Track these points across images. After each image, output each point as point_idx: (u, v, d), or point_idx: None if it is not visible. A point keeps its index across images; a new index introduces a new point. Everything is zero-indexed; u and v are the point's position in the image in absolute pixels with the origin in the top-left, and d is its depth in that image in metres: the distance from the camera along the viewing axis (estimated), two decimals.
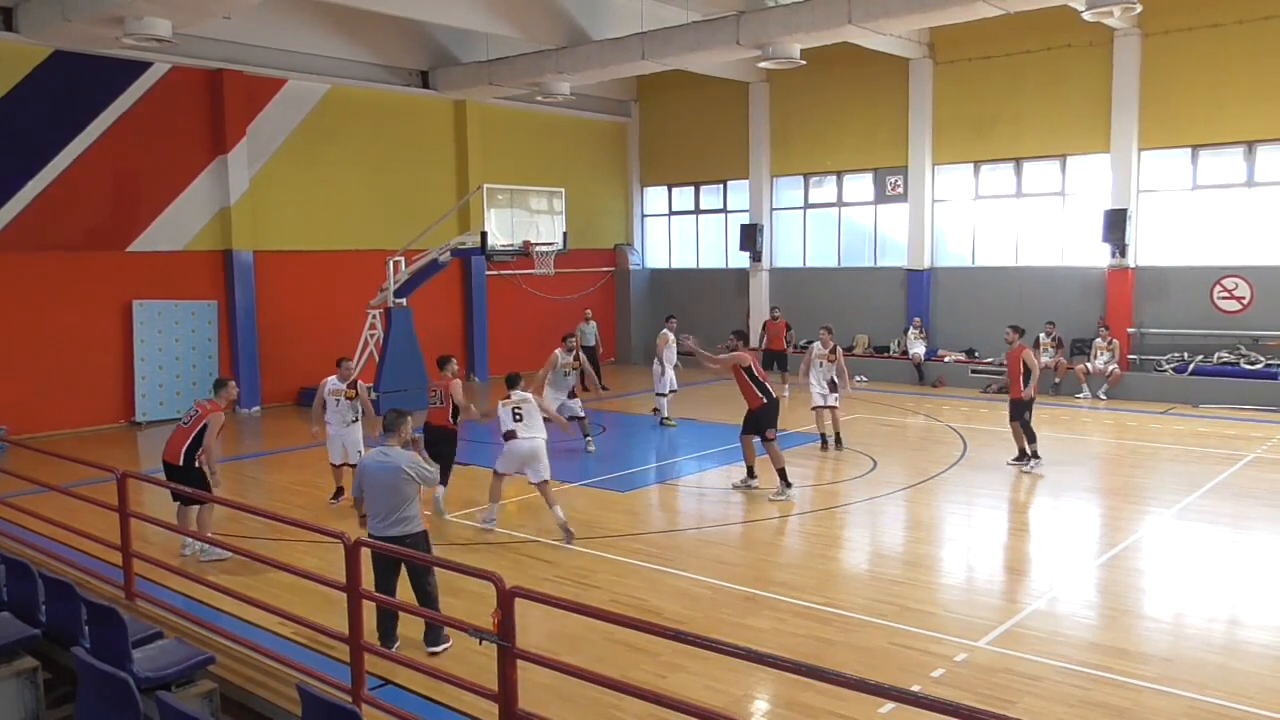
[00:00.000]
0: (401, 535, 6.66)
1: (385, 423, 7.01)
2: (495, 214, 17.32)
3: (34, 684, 5.39)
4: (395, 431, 6.93)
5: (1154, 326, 18.31)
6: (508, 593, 4.53)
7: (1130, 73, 18.00)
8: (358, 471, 7.10)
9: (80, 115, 16.29)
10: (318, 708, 4.12)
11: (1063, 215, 19.48)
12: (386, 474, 6.72)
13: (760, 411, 11.18)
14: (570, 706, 5.80)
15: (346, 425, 10.92)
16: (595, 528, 10.10)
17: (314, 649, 6.62)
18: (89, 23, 13.48)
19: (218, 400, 9.43)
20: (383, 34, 19.43)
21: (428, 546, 6.97)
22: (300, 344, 18.93)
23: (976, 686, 6.19)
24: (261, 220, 18.47)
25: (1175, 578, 8.57)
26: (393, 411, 7.05)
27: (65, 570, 7.47)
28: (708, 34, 16.51)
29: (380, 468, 6.75)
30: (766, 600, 7.88)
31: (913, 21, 15.75)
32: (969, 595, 8.20)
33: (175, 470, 9.00)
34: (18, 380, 15.52)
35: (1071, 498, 11.47)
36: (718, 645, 4.12)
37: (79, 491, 8.30)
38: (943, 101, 20.46)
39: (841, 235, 22.72)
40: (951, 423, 15.87)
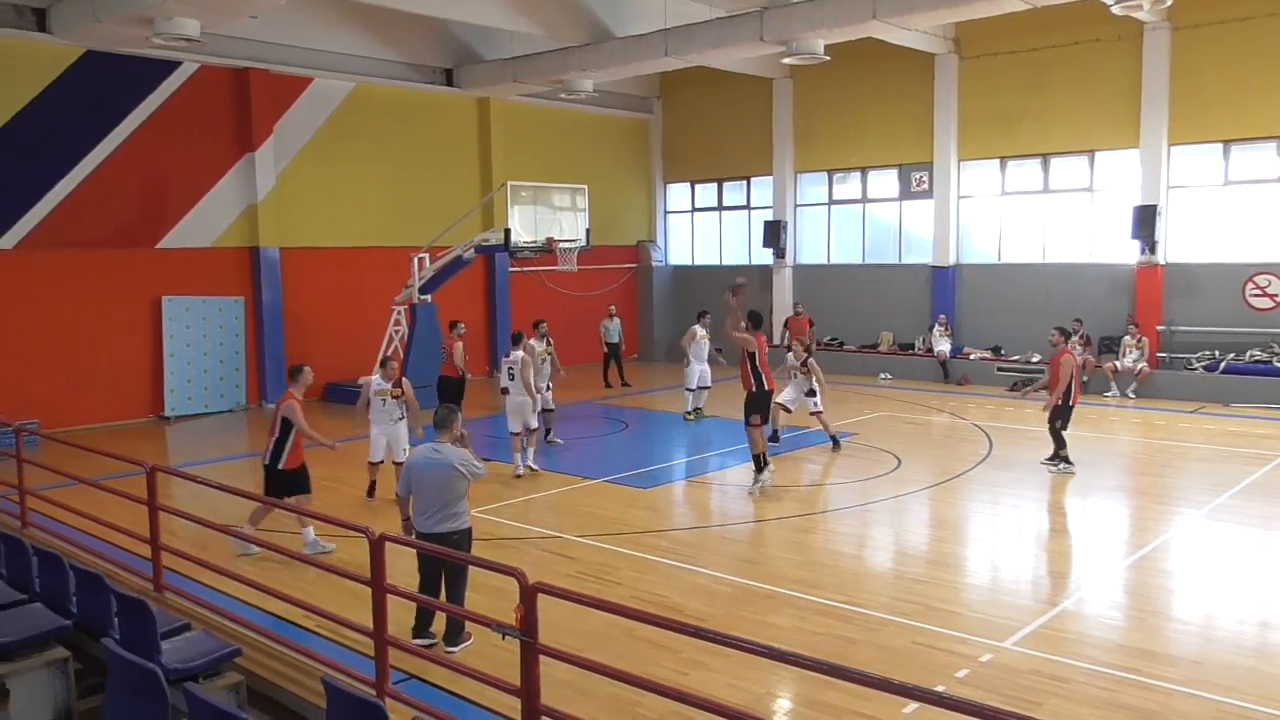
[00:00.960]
0: (449, 531, 6.64)
1: (436, 419, 6.93)
2: (518, 211, 17.37)
3: (65, 674, 5.47)
4: (446, 428, 6.85)
5: (1184, 324, 18.07)
6: (530, 588, 4.55)
7: (1160, 67, 17.77)
8: (405, 468, 7.02)
9: (111, 114, 16.49)
10: (342, 701, 4.15)
11: (1091, 211, 19.27)
12: (438, 471, 6.68)
13: (750, 397, 11.31)
14: (592, 702, 5.81)
15: (393, 423, 11.04)
16: (617, 524, 10.11)
17: (339, 643, 6.67)
18: (119, 23, 13.64)
19: (293, 389, 9.40)
20: (407, 32, 19.53)
21: (470, 544, 6.96)
22: (326, 340, 19.09)
23: (1001, 687, 6.14)
24: (288, 217, 18.63)
25: (1204, 579, 8.46)
26: (444, 407, 6.98)
27: (95, 562, 7.57)
28: (731, 30, 16.45)
29: (431, 465, 6.70)
30: (788, 598, 7.86)
31: (938, 16, 15.62)
32: (994, 595, 8.14)
33: (266, 470, 9.19)
34: (50, 375, 15.75)
35: (1099, 497, 11.34)
36: (739, 643, 4.11)
37: (109, 485, 8.41)
38: (968, 97, 20.29)
39: (866, 232, 22.59)
40: (977, 421, 15.75)
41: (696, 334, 16.09)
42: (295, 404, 9.23)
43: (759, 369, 11.24)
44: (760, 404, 11.34)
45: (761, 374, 11.27)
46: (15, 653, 5.39)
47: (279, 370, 18.41)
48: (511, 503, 11.21)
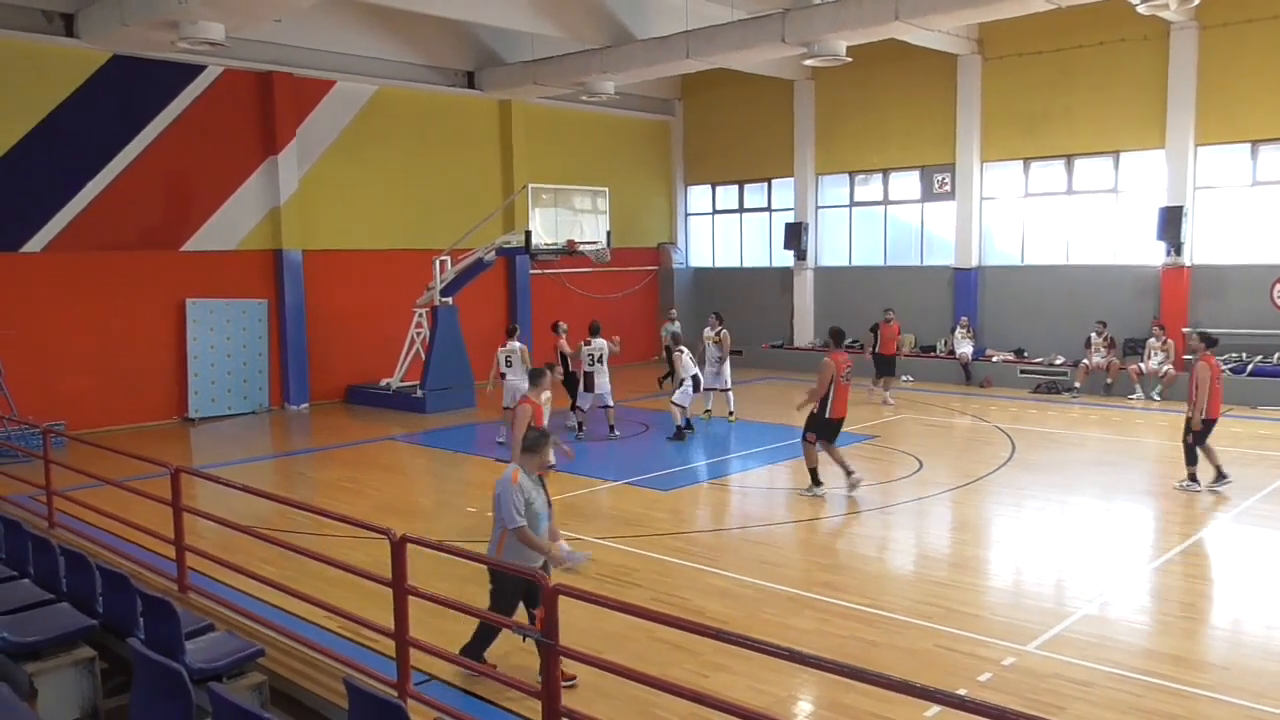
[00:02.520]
0: None
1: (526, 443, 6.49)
2: (539, 213, 17.40)
3: (91, 673, 5.52)
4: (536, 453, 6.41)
5: (1210, 326, 17.78)
6: (551, 590, 4.55)
7: (1187, 66, 17.58)
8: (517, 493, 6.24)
9: (136, 118, 16.68)
10: (364, 701, 4.17)
11: (1116, 213, 19.08)
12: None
13: (812, 417, 11.06)
14: (612, 704, 5.81)
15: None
16: (638, 526, 10.11)
17: (360, 643, 6.71)
18: (145, 27, 13.80)
19: (531, 394, 9.22)
20: (429, 35, 19.63)
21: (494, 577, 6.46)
22: (348, 342, 19.22)
23: (1024, 691, 6.09)
24: (310, 220, 18.76)
25: (1233, 583, 8.35)
26: (532, 431, 6.64)
27: (121, 563, 7.64)
28: (753, 32, 16.42)
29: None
30: (810, 601, 7.83)
31: (961, 17, 15.53)
32: (1017, 598, 8.07)
33: None
34: (76, 376, 15.94)
35: (1124, 500, 11.23)
36: (760, 645, 4.09)
37: (134, 486, 8.49)
38: (991, 98, 20.15)
39: (887, 233, 22.48)
40: (999, 423, 15.63)
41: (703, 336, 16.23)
42: (527, 409, 8.84)
43: (834, 394, 10.85)
44: (820, 428, 11.04)
45: (831, 399, 10.86)
46: (43, 652, 5.45)
47: (301, 372, 18.57)
48: None
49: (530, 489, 6.23)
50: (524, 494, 6.15)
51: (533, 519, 6.21)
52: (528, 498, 6.17)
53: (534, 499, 6.24)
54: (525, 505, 6.14)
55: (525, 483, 6.24)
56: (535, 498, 6.26)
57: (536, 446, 6.40)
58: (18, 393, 14.79)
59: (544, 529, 6.39)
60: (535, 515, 6.25)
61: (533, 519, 6.21)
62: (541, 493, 6.37)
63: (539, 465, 6.41)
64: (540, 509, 6.31)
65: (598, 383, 14.73)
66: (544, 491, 6.43)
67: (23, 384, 15.04)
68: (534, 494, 6.25)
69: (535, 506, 6.24)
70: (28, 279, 15.58)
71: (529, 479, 6.29)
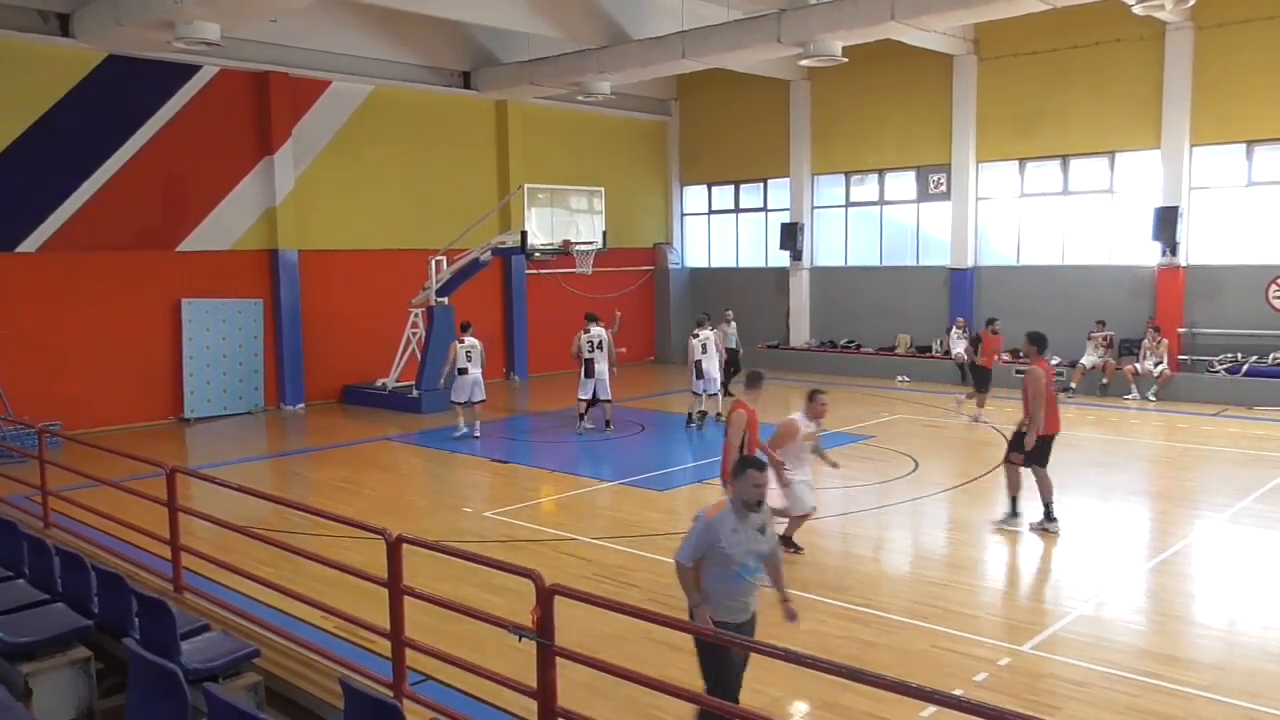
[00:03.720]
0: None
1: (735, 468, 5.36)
2: (535, 213, 17.40)
3: (87, 673, 5.51)
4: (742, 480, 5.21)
5: (1206, 326, 17.91)
6: (547, 590, 4.55)
7: (1182, 67, 17.62)
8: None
9: (132, 118, 16.64)
10: (360, 702, 4.16)
11: (1111, 213, 19.12)
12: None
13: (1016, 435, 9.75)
14: (609, 704, 5.81)
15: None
16: (634, 526, 10.11)
17: (356, 643, 6.69)
18: (141, 27, 13.78)
19: (747, 398, 8.53)
20: (425, 35, 19.61)
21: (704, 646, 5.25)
22: (344, 342, 19.20)
23: (1020, 691, 6.10)
24: (306, 220, 18.74)
25: (1228, 583, 8.37)
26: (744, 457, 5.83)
27: (117, 563, 7.62)
28: (749, 32, 16.43)
29: None
30: (806, 601, 7.82)
31: (956, 17, 15.55)
32: (1013, 599, 8.09)
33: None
34: (72, 377, 15.90)
35: (1120, 500, 11.25)
36: (757, 646, 4.09)
37: (130, 486, 8.48)
38: (987, 98, 20.18)
39: (883, 234, 22.51)
40: (995, 424, 15.65)
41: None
42: (742, 416, 8.30)
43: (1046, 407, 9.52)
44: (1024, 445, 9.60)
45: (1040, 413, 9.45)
46: (38, 652, 5.43)
47: (297, 372, 18.55)
48: (527, 504, 11.24)
49: (732, 525, 5.10)
50: (717, 531, 5.07)
51: (724, 562, 5.07)
52: (721, 537, 5.06)
53: (732, 539, 5.07)
54: (714, 544, 5.05)
55: (727, 517, 5.11)
56: (737, 538, 5.08)
57: (741, 473, 5.19)
58: (13, 393, 14.77)
59: (748, 580, 5.17)
60: (726, 557, 5.05)
61: (724, 562, 5.07)
62: (751, 533, 5.15)
63: (748, 496, 5.15)
64: (741, 553, 5.08)
65: (596, 369, 15.11)
66: (759, 531, 5.20)
67: (18, 384, 15.01)
68: (737, 533, 5.09)
69: (729, 549, 5.06)
70: (23, 279, 15.54)
71: (735, 514, 5.14)
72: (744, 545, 5.11)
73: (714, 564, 5.11)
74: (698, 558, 5.13)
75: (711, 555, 5.09)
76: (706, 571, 5.14)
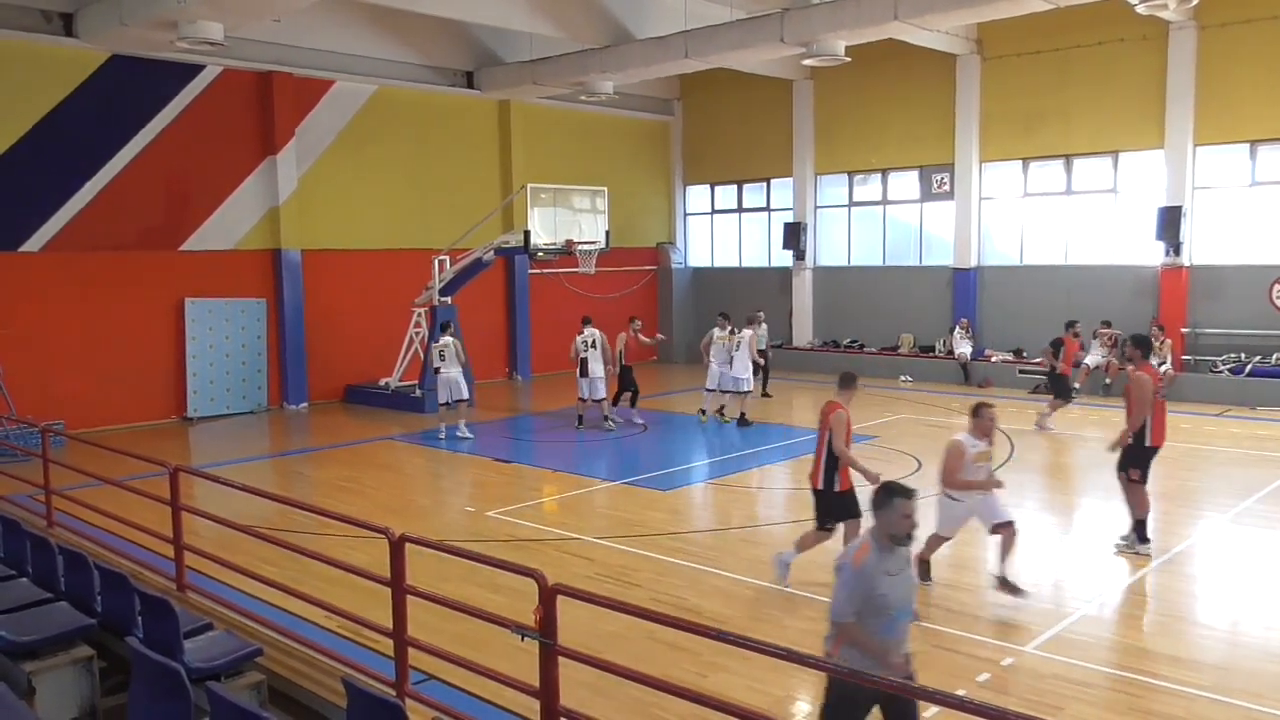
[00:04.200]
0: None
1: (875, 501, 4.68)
2: (538, 213, 17.40)
3: (90, 672, 5.51)
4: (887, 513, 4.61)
5: (1209, 326, 17.88)
6: (550, 590, 4.55)
7: (1185, 66, 17.59)
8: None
9: (135, 118, 16.66)
10: (362, 701, 4.16)
11: (1114, 213, 19.09)
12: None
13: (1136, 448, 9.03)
14: (611, 704, 5.81)
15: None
16: (637, 526, 10.11)
17: (359, 643, 6.70)
18: (144, 27, 13.80)
19: (841, 398, 8.11)
20: (428, 35, 19.62)
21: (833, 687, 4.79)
22: (347, 342, 19.22)
23: (1023, 691, 6.09)
24: (309, 220, 18.75)
25: (1231, 584, 8.35)
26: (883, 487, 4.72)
27: (120, 562, 7.63)
28: (751, 32, 16.42)
29: None
30: (808, 601, 7.82)
31: (960, 16, 15.54)
32: (1016, 599, 8.06)
33: (818, 495, 8.11)
34: (75, 376, 15.92)
35: (1122, 500, 11.21)
36: (759, 645, 4.09)
37: (133, 485, 8.49)
38: (990, 97, 20.16)
39: (886, 233, 22.49)
40: (998, 424, 15.62)
41: (713, 336, 16.06)
42: (844, 416, 7.96)
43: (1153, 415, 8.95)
44: (1143, 458, 8.95)
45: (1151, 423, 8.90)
46: (41, 651, 5.44)
47: (300, 372, 18.56)
48: (530, 504, 11.24)
49: (884, 567, 4.52)
50: (867, 578, 4.49)
51: (879, 610, 4.48)
52: (876, 583, 4.48)
53: (887, 584, 4.50)
54: (870, 593, 4.45)
55: (874, 561, 4.53)
56: (891, 581, 4.51)
57: (885, 504, 4.57)
58: (16, 392, 14.78)
59: (902, 625, 4.62)
60: (882, 605, 4.48)
61: (879, 610, 4.48)
62: (902, 571, 4.62)
63: (897, 529, 4.56)
64: (897, 598, 4.54)
65: (591, 369, 15.51)
66: (906, 565, 4.67)
67: (21, 383, 15.02)
68: (890, 575, 4.53)
69: (887, 595, 4.48)
70: (26, 278, 15.56)
71: (882, 553, 4.55)
72: (899, 588, 4.54)
73: (868, 615, 4.49)
74: (856, 608, 4.50)
75: (867, 606, 4.48)
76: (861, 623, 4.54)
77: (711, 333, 16.23)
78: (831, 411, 7.97)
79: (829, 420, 7.95)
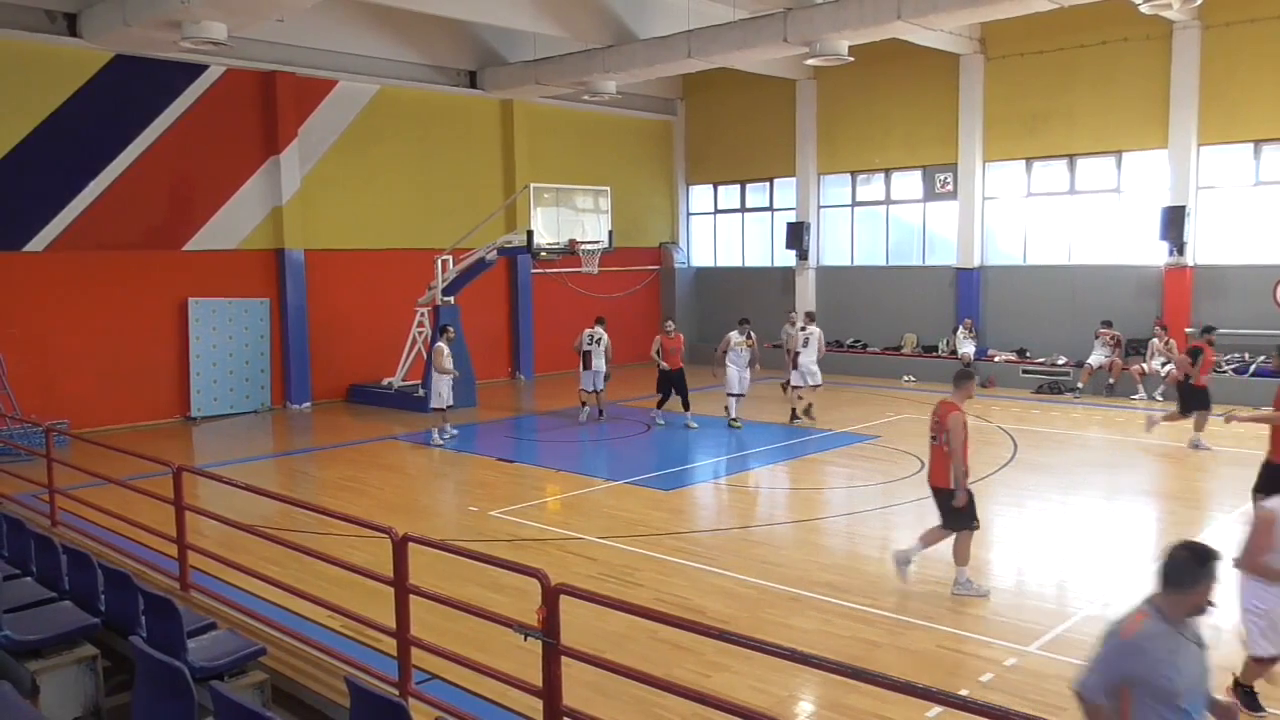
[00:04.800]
0: None
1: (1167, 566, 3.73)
2: (541, 213, 17.40)
3: (94, 671, 5.53)
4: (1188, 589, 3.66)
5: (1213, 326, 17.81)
6: (553, 589, 4.55)
7: (1189, 66, 17.56)
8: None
9: (139, 118, 16.68)
10: (366, 700, 4.17)
11: (1118, 212, 19.06)
12: None
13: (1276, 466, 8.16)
14: (614, 704, 5.81)
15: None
16: (640, 526, 10.11)
17: (362, 642, 6.70)
18: (148, 27, 13.82)
19: (955, 398, 7.93)
20: (431, 35, 19.63)
21: None
22: (350, 341, 19.23)
23: (1026, 692, 6.08)
24: (312, 219, 18.77)
25: (1233, 585, 8.32)
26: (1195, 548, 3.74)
27: (123, 561, 7.65)
28: (754, 32, 16.42)
29: None
30: (811, 601, 7.82)
31: (963, 16, 15.51)
32: (1019, 599, 8.06)
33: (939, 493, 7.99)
34: (79, 375, 15.95)
35: (1127, 500, 11.22)
36: (762, 645, 4.09)
37: (136, 484, 8.50)
38: (994, 97, 20.14)
39: (889, 233, 22.47)
40: (1002, 424, 15.62)
41: (730, 340, 15.59)
42: (962, 418, 7.76)
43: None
44: None
45: None
46: (45, 650, 5.46)
47: (303, 371, 18.58)
48: (533, 504, 11.25)
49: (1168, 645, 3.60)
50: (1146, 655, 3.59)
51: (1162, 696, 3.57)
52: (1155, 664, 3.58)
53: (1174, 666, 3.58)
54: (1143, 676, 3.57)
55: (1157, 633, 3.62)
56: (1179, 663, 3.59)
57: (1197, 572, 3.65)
58: (20, 392, 14.80)
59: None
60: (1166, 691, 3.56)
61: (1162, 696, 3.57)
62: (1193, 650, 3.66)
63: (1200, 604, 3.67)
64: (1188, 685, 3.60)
65: (594, 363, 16.19)
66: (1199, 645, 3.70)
67: (25, 383, 15.05)
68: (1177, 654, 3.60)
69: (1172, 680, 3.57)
70: (30, 278, 15.59)
71: (1170, 623, 3.64)
72: (1190, 672, 3.62)
73: (1145, 700, 3.58)
74: (1116, 690, 3.63)
75: (1141, 690, 3.58)
76: (1134, 712, 3.61)
77: (729, 337, 15.64)
78: (948, 414, 7.79)
79: (946, 423, 7.76)
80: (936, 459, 8.01)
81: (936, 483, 8.05)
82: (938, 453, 7.97)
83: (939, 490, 8.04)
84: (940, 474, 7.98)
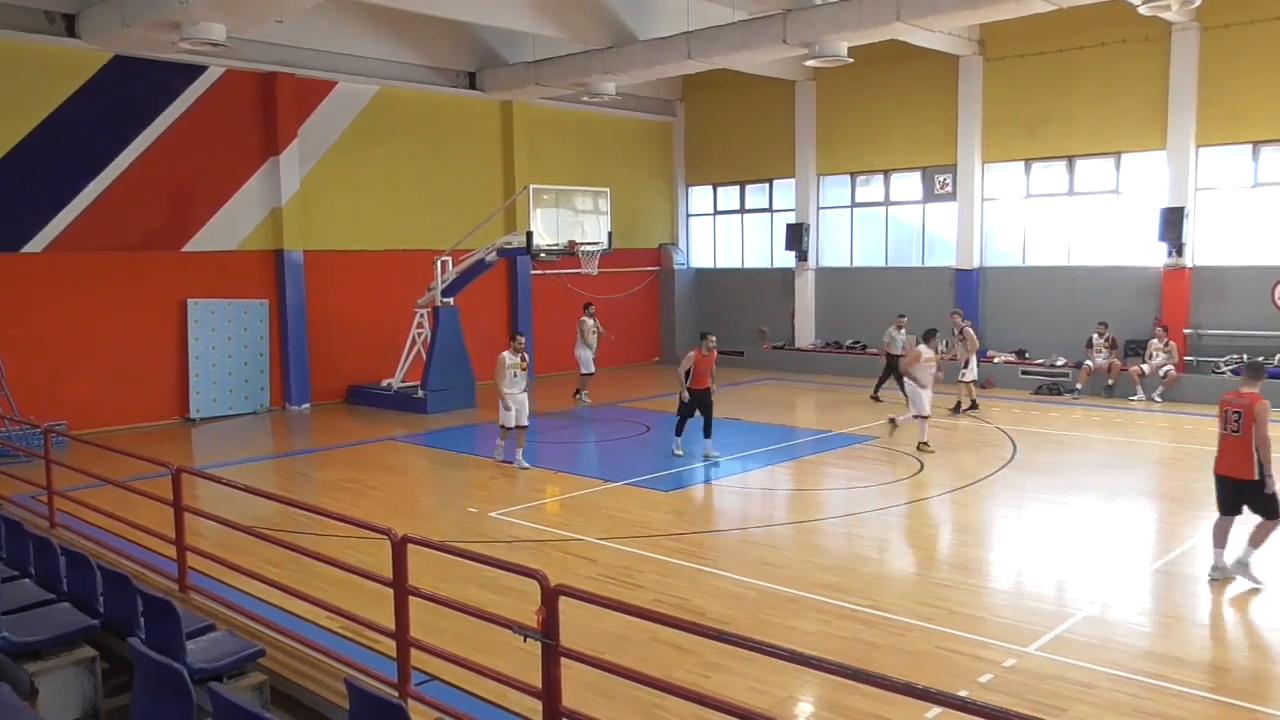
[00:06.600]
0: None
1: None
2: (541, 214, 17.40)
3: (92, 673, 5.52)
4: None
5: (1211, 327, 17.86)
6: (552, 591, 4.55)
7: (1188, 67, 17.57)
8: None
9: (138, 119, 16.67)
10: (365, 702, 4.16)
11: (1117, 213, 19.08)
12: None
13: None
14: (614, 705, 5.81)
15: None
16: (639, 527, 10.11)
17: (361, 644, 6.70)
18: (147, 28, 13.81)
19: (1253, 388, 7.79)
20: (431, 36, 19.64)
21: None
22: (349, 343, 19.22)
23: (1025, 693, 6.08)
24: (311, 220, 18.76)
25: (1233, 585, 8.33)
26: None
27: (122, 563, 7.64)
28: (754, 33, 16.42)
29: None
30: (811, 602, 7.82)
31: (962, 18, 15.52)
32: (1018, 600, 8.06)
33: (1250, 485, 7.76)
34: (77, 377, 15.93)
35: (1125, 502, 11.22)
36: (762, 646, 4.09)
37: (135, 486, 8.49)
38: (993, 99, 20.15)
39: (889, 234, 22.48)
40: (1001, 425, 15.63)
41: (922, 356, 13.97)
42: (1268, 405, 7.75)
43: None
44: None
45: None
46: (44, 651, 5.45)
47: (302, 372, 18.57)
48: (532, 505, 11.25)
49: None
50: None
51: None
52: None
53: None
54: None
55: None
56: None
57: None
58: (19, 393, 14.79)
59: None
60: None
61: None
62: None
63: None
64: None
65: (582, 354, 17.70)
66: None
67: (24, 384, 15.03)
68: None
69: None
70: (29, 279, 15.57)
71: None
72: None
73: None
74: None
75: None
76: None
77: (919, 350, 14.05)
78: (1256, 403, 7.66)
79: (1254, 411, 7.60)
80: (1234, 450, 7.70)
81: (1236, 474, 7.71)
82: (1236, 444, 7.69)
83: (1241, 483, 7.71)
84: (1241, 465, 7.67)
